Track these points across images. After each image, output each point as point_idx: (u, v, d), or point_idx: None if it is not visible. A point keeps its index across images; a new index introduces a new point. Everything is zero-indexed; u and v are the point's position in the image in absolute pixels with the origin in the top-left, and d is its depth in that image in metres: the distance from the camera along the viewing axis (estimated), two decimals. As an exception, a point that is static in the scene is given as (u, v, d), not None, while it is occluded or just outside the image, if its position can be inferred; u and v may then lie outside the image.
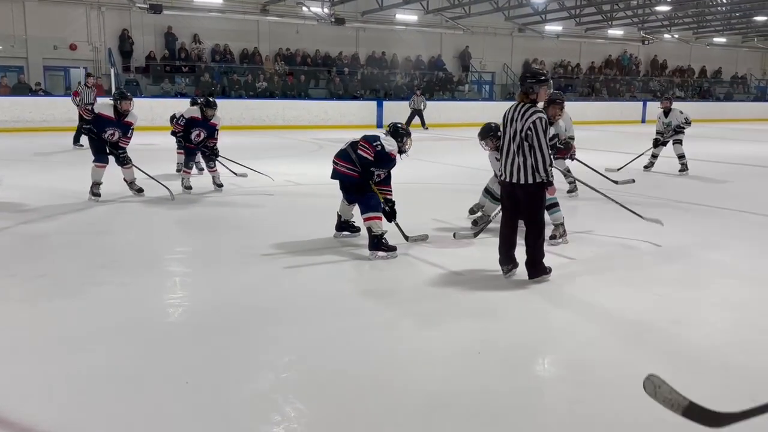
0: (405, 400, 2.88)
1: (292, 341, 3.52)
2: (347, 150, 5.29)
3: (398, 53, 24.98)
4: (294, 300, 4.22)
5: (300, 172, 10.10)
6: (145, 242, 5.76)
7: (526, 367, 3.28)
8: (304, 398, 2.86)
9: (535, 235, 4.52)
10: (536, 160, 4.35)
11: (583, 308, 4.13)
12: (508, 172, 4.49)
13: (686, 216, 7.24)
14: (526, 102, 4.45)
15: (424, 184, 8.99)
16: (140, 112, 8.29)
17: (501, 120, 4.64)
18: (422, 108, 20.21)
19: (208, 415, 2.73)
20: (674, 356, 3.35)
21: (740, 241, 5.96)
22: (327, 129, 19.50)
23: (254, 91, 21.10)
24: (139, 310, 3.97)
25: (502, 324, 3.86)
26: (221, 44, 21.98)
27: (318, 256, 5.21)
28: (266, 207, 7.38)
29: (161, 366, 3.20)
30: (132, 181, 7.81)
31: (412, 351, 3.43)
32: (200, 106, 8.14)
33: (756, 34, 31.66)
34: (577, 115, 24.92)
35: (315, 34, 23.36)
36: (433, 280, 4.67)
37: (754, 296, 4.38)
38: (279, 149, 14.14)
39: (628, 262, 5.21)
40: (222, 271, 4.86)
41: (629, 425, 2.67)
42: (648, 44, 30.18)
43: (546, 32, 27.35)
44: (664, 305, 4.15)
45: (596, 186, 6.54)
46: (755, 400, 2.89)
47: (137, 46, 20.82)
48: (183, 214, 6.96)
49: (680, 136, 10.27)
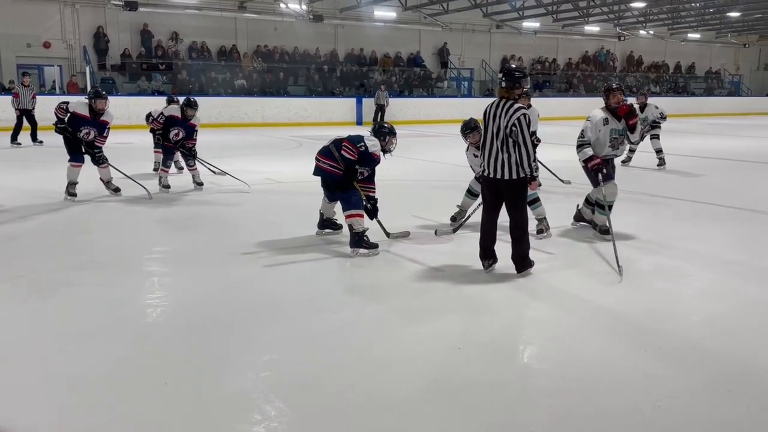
0: (386, 396, 2.88)
1: (273, 340, 3.50)
2: (330, 147, 5.27)
3: (377, 50, 24.97)
4: (275, 298, 4.20)
5: (280, 170, 10.06)
6: (123, 242, 5.69)
7: (507, 362, 3.30)
8: (285, 397, 2.85)
9: (521, 228, 4.57)
10: (521, 155, 4.40)
11: (563, 302, 4.17)
12: (491, 168, 4.51)
13: (662, 209, 7.34)
14: (508, 98, 4.48)
15: (404, 181, 9.00)
16: (116, 111, 8.19)
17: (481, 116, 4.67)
18: (385, 104, 20.37)
19: (187, 415, 2.71)
20: (652, 347, 3.39)
21: (716, 234, 6.05)
22: (306, 126, 19.45)
23: (232, 89, 20.97)
24: (117, 311, 3.92)
25: (483, 319, 3.87)
26: (198, 41, 21.78)
27: (299, 254, 5.20)
28: (246, 205, 7.34)
29: (139, 367, 3.16)
30: (108, 181, 7.72)
31: (393, 347, 3.44)
32: (181, 106, 8.07)
33: (729, 30, 32.14)
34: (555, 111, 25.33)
35: (293, 31, 23.25)
36: (415, 276, 4.68)
37: (730, 287, 4.45)
38: (258, 147, 14.07)
39: (605, 255, 5.26)
40: (202, 270, 4.82)
41: (609, 416, 2.70)
42: (624, 40, 30.51)
43: (523, 29, 27.51)
44: (642, 297, 4.20)
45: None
46: (731, 391, 2.96)
47: (113, 44, 20.56)
48: (161, 214, 6.89)
49: (657, 131, 10.41)
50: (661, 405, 2.78)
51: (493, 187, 4.57)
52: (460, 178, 9.22)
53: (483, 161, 4.61)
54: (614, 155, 5.80)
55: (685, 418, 2.69)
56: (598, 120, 5.60)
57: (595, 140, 5.63)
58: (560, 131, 18.35)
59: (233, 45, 22.38)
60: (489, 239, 4.69)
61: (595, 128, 5.60)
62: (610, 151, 5.70)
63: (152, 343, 3.48)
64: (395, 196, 7.29)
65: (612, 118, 5.60)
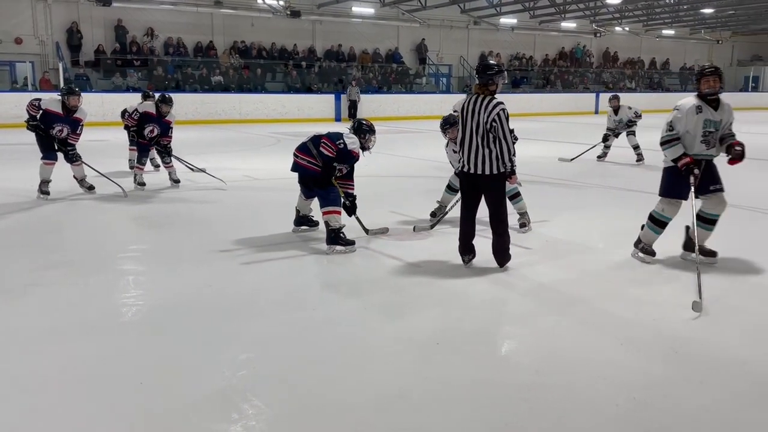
0: (365, 392, 2.88)
1: (251, 338, 3.48)
2: (308, 144, 5.24)
3: (355, 46, 24.90)
4: (252, 296, 4.17)
5: (258, 167, 9.99)
6: (97, 241, 5.61)
7: (485, 357, 3.31)
8: (263, 395, 2.83)
9: (502, 222, 4.60)
10: (501, 150, 4.42)
11: (541, 296, 4.20)
12: (471, 163, 4.52)
13: (637, 203, 7.41)
14: (486, 94, 4.49)
15: (383, 177, 8.99)
16: (91, 108, 8.09)
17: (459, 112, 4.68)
18: (357, 99, 20.46)
19: (163, 415, 2.68)
20: (628, 340, 3.43)
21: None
22: (285, 123, 19.35)
23: (209, 85, 20.78)
24: (91, 310, 3.87)
25: (462, 314, 3.88)
26: (174, 37, 21.54)
27: (277, 252, 5.17)
28: (223, 202, 7.28)
29: (114, 367, 3.12)
30: (82, 179, 7.60)
31: (371, 343, 3.43)
32: (156, 102, 7.97)
33: (703, 26, 32.61)
34: (533, 106, 25.45)
35: (270, 27, 23.10)
36: (393, 272, 4.68)
37: (704, 280, 4.51)
38: (236, 144, 13.96)
39: (582, 249, 5.31)
40: (178, 268, 4.77)
41: (585, 409, 2.72)
42: (600, 36, 30.78)
43: (501, 25, 27.63)
44: (618, 291, 4.25)
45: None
46: (703, 382, 3.00)
47: (86, 40, 20.25)
48: (137, 211, 6.81)
49: (633, 128, 10.52)
50: (636, 397, 2.81)
51: (473, 182, 4.58)
52: (439, 173, 9.25)
53: (462, 157, 4.62)
54: (709, 156, 4.76)
55: (659, 410, 2.73)
56: (689, 108, 4.66)
57: (684, 133, 4.70)
58: (537, 127, 18.49)
59: (210, 41, 22.17)
60: (468, 234, 4.71)
61: (686, 118, 4.67)
62: (703, 149, 4.71)
63: (127, 342, 3.43)
64: (374, 193, 7.28)
65: (707, 107, 4.67)
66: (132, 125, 8.12)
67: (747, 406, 2.78)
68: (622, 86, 29.90)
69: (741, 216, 6.72)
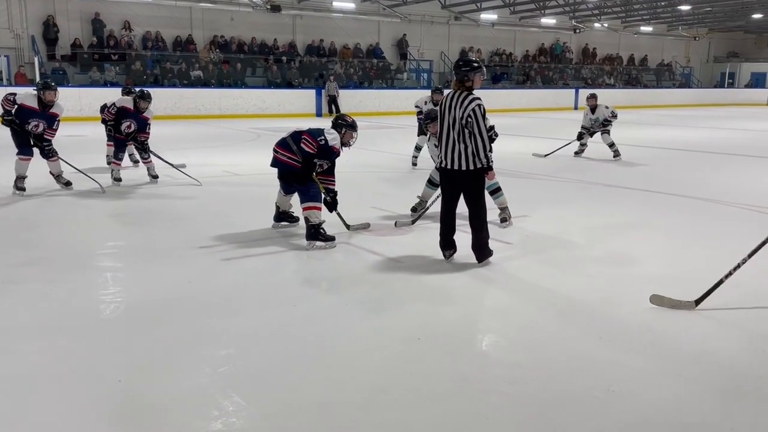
0: (346, 388, 2.88)
1: (231, 335, 3.46)
2: (288, 140, 5.22)
3: (336, 41, 24.81)
4: (232, 292, 4.15)
5: (238, 162, 9.93)
6: (74, 237, 5.54)
7: (465, 351, 3.33)
8: (243, 392, 2.81)
9: (480, 218, 4.61)
10: (476, 146, 4.43)
11: (520, 290, 4.23)
12: (449, 159, 4.54)
13: (615, 198, 7.50)
14: (463, 90, 4.51)
15: (364, 173, 8.98)
16: (67, 102, 7.97)
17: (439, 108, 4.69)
18: (336, 94, 20.45)
19: (142, 413, 2.65)
20: (605, 333, 3.47)
21: (666, 221, 6.21)
22: (265, 118, 19.23)
23: (188, 80, 20.57)
24: (68, 308, 3.82)
25: (443, 309, 3.90)
26: (152, 31, 21.28)
27: (257, 248, 5.14)
28: (203, 198, 7.22)
29: (92, 365, 3.09)
30: (59, 174, 7.50)
31: (352, 339, 3.44)
32: (134, 97, 7.88)
33: (680, 23, 32.99)
34: (513, 102, 25.56)
35: (250, 22, 22.92)
36: (374, 267, 4.68)
37: (680, 274, 4.57)
38: (216, 139, 13.84)
39: (562, 244, 5.36)
40: (157, 264, 4.73)
41: (564, 402, 2.75)
42: (579, 33, 30.98)
43: (481, 20, 27.70)
44: (595, 285, 4.29)
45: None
46: (681, 375, 3.05)
47: (63, 33, 19.93)
48: (115, 207, 6.73)
49: (608, 128, 10.59)
50: (614, 389, 2.84)
51: (451, 177, 4.60)
52: (420, 168, 9.26)
53: (439, 153, 4.64)
54: None
55: (637, 402, 2.76)
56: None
57: None
58: (517, 123, 18.59)
59: (189, 35, 21.94)
60: (448, 229, 4.73)
61: None
62: None
63: (105, 340, 3.39)
64: (355, 188, 7.27)
65: None
66: (109, 119, 8.02)
67: (723, 399, 2.83)
68: (600, 82, 30.15)
69: (715, 210, 6.83)
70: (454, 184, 4.63)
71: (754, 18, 30.60)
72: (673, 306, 3.82)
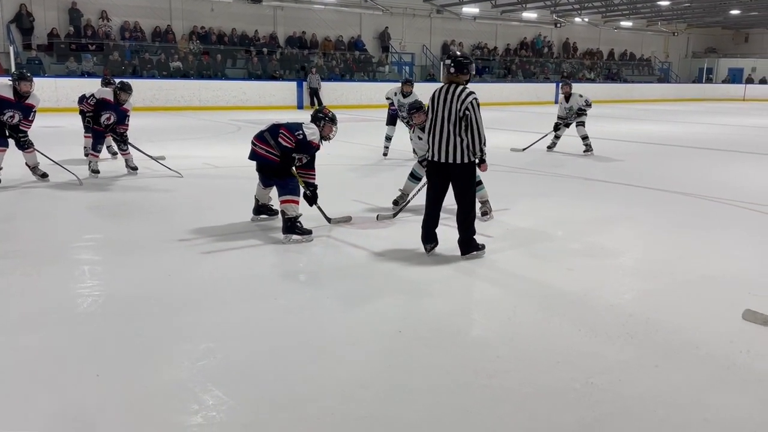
0: (326, 381, 2.87)
1: (210, 328, 3.43)
2: (265, 134, 5.17)
3: (317, 33, 24.67)
4: (211, 286, 4.11)
5: (217, 155, 9.84)
6: (50, 230, 5.45)
7: (447, 344, 3.33)
8: (223, 386, 2.79)
9: (468, 212, 4.61)
10: (473, 139, 4.43)
11: (501, 284, 4.24)
12: (442, 152, 4.51)
13: (592, 191, 7.56)
14: (458, 83, 4.49)
15: (345, 165, 8.95)
16: (44, 93, 7.85)
17: (429, 101, 4.66)
18: (318, 86, 20.38)
19: (121, 407, 2.62)
20: (586, 325, 3.49)
21: (643, 215, 6.28)
22: (246, 110, 19.08)
23: (168, 71, 20.33)
24: (44, 301, 3.76)
25: (424, 302, 3.90)
26: (131, 21, 20.99)
27: (236, 241, 5.10)
28: (182, 191, 7.15)
29: (69, 359, 3.05)
30: (35, 166, 7.38)
31: (333, 333, 3.42)
32: (114, 89, 7.77)
33: (660, 18, 33.30)
34: (494, 96, 25.58)
35: (231, 12, 22.71)
36: (355, 261, 4.68)
37: (657, 266, 4.63)
38: (195, 131, 13.71)
39: (542, 237, 5.39)
40: (135, 257, 4.67)
41: (544, 394, 2.77)
42: (560, 27, 31.13)
43: (463, 14, 27.71)
44: (575, 277, 4.32)
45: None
46: (658, 366, 3.08)
47: (38, 23, 19.58)
48: (92, 200, 6.63)
49: (583, 118, 10.59)
50: (593, 381, 2.87)
51: (443, 171, 4.59)
52: (402, 161, 9.25)
53: (430, 146, 4.62)
54: None
55: (615, 393, 2.79)
56: None
57: None
58: (498, 116, 18.65)
59: (168, 25, 21.67)
60: (432, 222, 4.72)
61: None
62: None
63: (83, 333, 3.35)
64: (336, 181, 7.25)
65: None
66: (88, 110, 7.89)
67: (701, 389, 2.87)
68: (581, 77, 30.35)
69: (688, 203, 6.91)
70: (445, 177, 4.62)
71: (732, 14, 31.00)
72: (765, 322, 3.49)
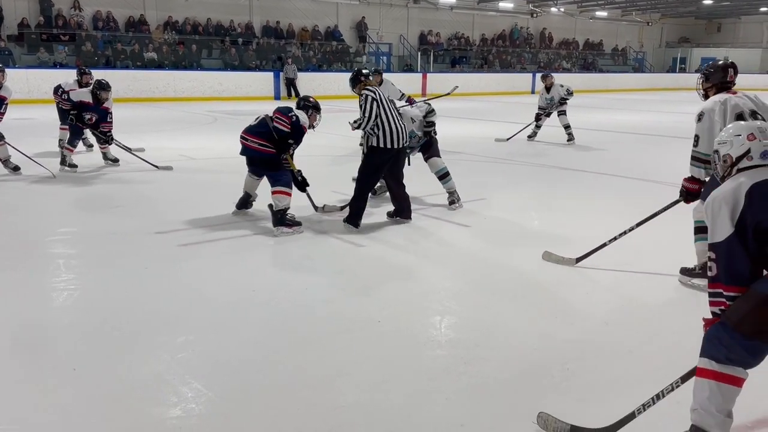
0: (306, 372, 2.88)
1: (190, 321, 3.42)
2: (255, 127, 5.12)
3: (294, 23, 24.46)
4: (190, 278, 4.10)
5: (194, 146, 9.74)
6: (24, 224, 5.37)
7: (424, 333, 3.37)
8: (203, 378, 2.79)
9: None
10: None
11: (477, 273, 4.28)
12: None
13: (570, 180, 7.64)
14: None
15: (324, 156, 8.93)
16: (15, 84, 7.70)
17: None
18: (294, 77, 20.29)
19: (98, 401, 2.61)
20: (559, 314, 3.55)
21: (618, 204, 6.35)
22: (222, 101, 18.90)
23: (142, 62, 20.03)
24: (19, 296, 3.72)
25: (402, 292, 3.92)
26: (103, 11, 20.62)
27: (216, 233, 5.08)
28: (159, 183, 7.08)
29: (46, 353, 3.02)
30: (6, 159, 7.25)
31: (312, 323, 3.44)
32: (92, 90, 7.63)
33: (634, 8, 33.56)
34: (472, 86, 25.58)
35: (205, 2, 22.40)
36: (336, 251, 4.69)
37: (633, 255, 4.70)
38: (171, 122, 13.55)
39: (519, 227, 5.44)
40: (112, 251, 4.63)
41: (521, 380, 2.81)
42: (536, 17, 31.24)
43: (440, 4, 27.67)
44: (551, 265, 4.37)
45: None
46: (632, 352, 3.14)
47: (8, 12, 19.15)
48: (67, 193, 6.54)
49: (564, 107, 10.70)
50: (569, 367, 2.92)
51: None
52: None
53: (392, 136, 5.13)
54: None
55: (591, 379, 2.84)
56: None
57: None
58: (475, 107, 18.71)
59: (141, 15, 21.33)
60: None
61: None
62: None
63: (59, 327, 3.32)
64: (316, 171, 7.21)
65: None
66: (69, 109, 7.76)
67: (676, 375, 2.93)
68: (557, 66, 30.51)
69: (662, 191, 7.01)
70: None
71: (705, 4, 31.34)
72: (557, 262, 4.37)
